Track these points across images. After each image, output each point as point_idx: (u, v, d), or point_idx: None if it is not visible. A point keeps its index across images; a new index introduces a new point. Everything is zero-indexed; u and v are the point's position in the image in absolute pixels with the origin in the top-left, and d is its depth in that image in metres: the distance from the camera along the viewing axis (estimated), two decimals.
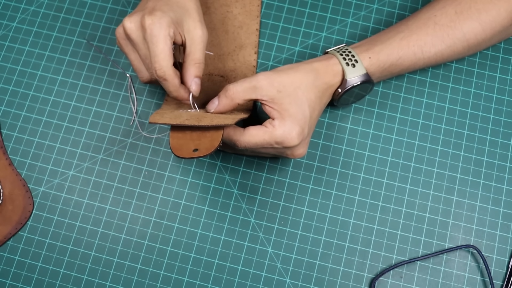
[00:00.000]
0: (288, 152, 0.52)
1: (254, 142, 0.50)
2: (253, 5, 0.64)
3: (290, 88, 0.50)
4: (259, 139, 0.50)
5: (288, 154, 0.52)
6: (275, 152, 0.52)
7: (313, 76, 0.52)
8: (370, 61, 0.54)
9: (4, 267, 0.57)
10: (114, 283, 0.56)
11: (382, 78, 0.57)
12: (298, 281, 0.56)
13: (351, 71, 0.53)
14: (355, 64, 0.53)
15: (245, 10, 0.63)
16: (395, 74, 0.57)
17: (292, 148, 0.50)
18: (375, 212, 0.58)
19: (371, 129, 0.60)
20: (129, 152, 0.60)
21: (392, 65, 0.55)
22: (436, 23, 0.55)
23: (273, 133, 0.49)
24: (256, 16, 0.63)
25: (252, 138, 0.50)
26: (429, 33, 0.54)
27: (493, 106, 0.61)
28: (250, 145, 0.50)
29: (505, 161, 0.59)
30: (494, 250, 0.57)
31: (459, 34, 0.54)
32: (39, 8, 0.65)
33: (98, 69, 0.63)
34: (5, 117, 0.61)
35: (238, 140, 0.50)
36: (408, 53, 0.55)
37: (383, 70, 0.55)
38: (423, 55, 0.55)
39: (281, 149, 0.51)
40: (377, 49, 0.54)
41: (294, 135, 0.49)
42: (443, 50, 0.55)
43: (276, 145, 0.50)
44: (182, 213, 0.58)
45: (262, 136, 0.49)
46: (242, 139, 0.50)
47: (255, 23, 0.63)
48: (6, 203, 0.58)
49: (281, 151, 0.51)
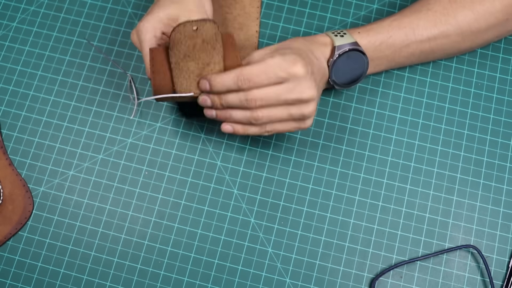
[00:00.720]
0: (298, 91, 0.49)
1: (258, 70, 0.49)
2: (252, 6, 0.64)
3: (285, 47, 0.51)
4: (263, 64, 0.49)
5: (298, 96, 0.50)
6: (284, 97, 0.50)
7: (304, 44, 0.53)
8: (360, 35, 0.55)
9: (4, 267, 0.57)
10: (114, 283, 0.56)
11: (379, 65, 0.57)
12: (298, 281, 0.56)
13: (340, 40, 0.54)
14: (343, 36, 0.55)
15: (244, 12, 0.63)
16: (391, 60, 0.57)
17: (302, 84, 0.49)
18: (375, 212, 0.58)
19: (371, 129, 0.60)
20: (129, 152, 0.60)
21: (383, 43, 0.55)
22: (429, 9, 0.56)
23: (274, 58, 0.49)
24: (256, 18, 0.63)
25: (256, 64, 0.49)
26: (422, 17, 0.55)
27: (493, 106, 0.61)
28: (254, 74, 0.49)
29: (505, 161, 0.59)
30: (494, 250, 0.57)
31: (452, 21, 0.55)
32: (39, 8, 0.65)
33: (98, 69, 0.63)
34: (5, 117, 0.61)
35: (241, 73, 0.49)
36: (399, 33, 0.55)
37: (375, 47, 0.55)
38: (415, 37, 0.55)
39: (291, 88, 0.49)
40: (367, 27, 0.56)
41: (298, 62, 0.49)
42: (436, 36, 0.55)
43: (281, 73, 0.48)
44: (182, 213, 0.58)
45: (266, 55, 0.49)
46: (245, 70, 0.49)
47: (254, 25, 0.63)
48: (6, 203, 0.58)
49: (291, 91, 0.49)
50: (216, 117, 0.52)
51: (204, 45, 0.50)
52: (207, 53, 0.51)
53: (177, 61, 0.51)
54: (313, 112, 0.51)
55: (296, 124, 0.52)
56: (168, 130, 0.60)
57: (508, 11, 0.55)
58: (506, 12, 0.55)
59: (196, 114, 0.61)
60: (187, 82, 0.51)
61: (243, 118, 0.51)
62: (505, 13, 0.55)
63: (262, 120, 0.51)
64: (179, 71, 0.51)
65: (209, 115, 0.52)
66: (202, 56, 0.51)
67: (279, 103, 0.50)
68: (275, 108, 0.50)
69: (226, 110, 0.51)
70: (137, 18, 0.64)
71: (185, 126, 0.61)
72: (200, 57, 0.51)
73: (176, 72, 0.51)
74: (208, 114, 0.52)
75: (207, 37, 0.50)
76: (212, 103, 0.51)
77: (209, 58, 0.51)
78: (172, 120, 0.61)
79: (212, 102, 0.51)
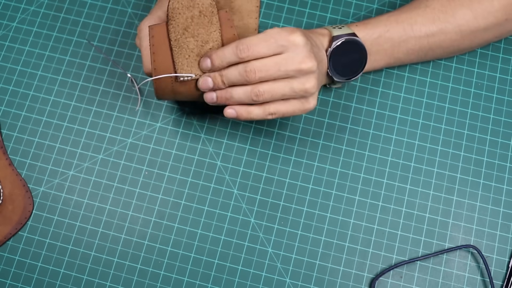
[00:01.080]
0: (298, 61, 0.49)
1: (257, 39, 0.49)
2: (250, 17, 0.63)
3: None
4: (263, 34, 0.49)
5: (298, 66, 0.49)
6: (284, 68, 0.49)
7: (304, 30, 0.53)
8: (358, 27, 0.56)
9: (4, 267, 0.57)
10: (114, 283, 0.56)
11: (378, 60, 0.57)
12: (298, 281, 0.56)
13: (337, 31, 0.55)
14: (341, 28, 0.55)
15: (242, 23, 0.63)
16: (390, 55, 0.57)
17: (302, 54, 0.49)
18: (375, 212, 0.58)
19: (371, 129, 0.60)
20: (129, 152, 0.60)
21: (381, 36, 0.55)
22: (427, 6, 0.56)
23: (273, 28, 0.49)
24: (254, 30, 0.63)
25: (253, 37, 0.49)
26: (420, 14, 0.56)
27: (493, 106, 0.61)
28: (252, 45, 0.49)
29: (505, 161, 0.59)
30: (494, 250, 0.57)
31: (450, 18, 0.55)
32: (39, 8, 0.65)
33: (98, 69, 0.63)
34: (5, 117, 0.61)
35: (240, 44, 0.49)
36: (397, 27, 0.55)
37: (372, 40, 0.55)
38: (414, 32, 0.55)
39: (291, 57, 0.49)
40: (365, 21, 0.56)
41: (297, 31, 0.49)
42: (434, 32, 0.55)
43: (281, 40, 0.48)
44: (182, 213, 0.58)
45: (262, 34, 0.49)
46: (244, 41, 0.49)
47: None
48: (6, 203, 0.58)
49: (291, 60, 0.49)
50: (216, 101, 0.51)
51: (201, 18, 0.51)
52: (205, 29, 0.51)
53: (177, 37, 0.51)
54: (314, 87, 0.50)
55: (300, 104, 0.51)
56: (168, 130, 0.60)
57: (507, 11, 0.55)
58: (505, 12, 0.55)
59: (197, 112, 0.60)
60: (187, 63, 0.51)
61: (243, 96, 0.50)
62: (504, 13, 0.55)
63: (263, 95, 0.50)
64: (179, 49, 0.51)
65: (209, 99, 0.52)
66: (201, 32, 0.51)
67: (279, 75, 0.49)
68: (276, 83, 0.50)
69: (226, 90, 0.51)
70: (137, 18, 0.64)
71: (185, 126, 0.61)
72: (199, 33, 0.51)
73: (176, 50, 0.51)
74: (208, 98, 0.52)
75: (203, 8, 0.51)
76: (213, 82, 0.51)
77: (207, 35, 0.51)
78: (172, 120, 0.61)
79: (213, 80, 0.51)
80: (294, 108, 0.51)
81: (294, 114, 0.52)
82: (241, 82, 0.50)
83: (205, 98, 0.52)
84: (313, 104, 0.52)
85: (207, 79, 0.51)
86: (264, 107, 0.51)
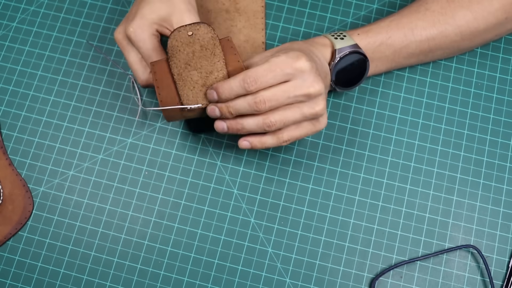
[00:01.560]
0: (306, 86, 0.49)
1: (263, 70, 0.48)
2: (257, 17, 0.63)
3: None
4: (268, 64, 0.48)
5: (306, 91, 0.49)
6: (293, 94, 0.49)
7: (304, 45, 0.53)
8: (359, 37, 0.55)
9: (4, 267, 0.57)
10: (114, 283, 0.56)
11: (379, 66, 0.57)
12: (298, 281, 0.56)
13: (340, 42, 0.54)
14: (343, 38, 0.55)
15: (249, 23, 0.63)
16: (391, 61, 0.57)
17: (309, 79, 0.49)
18: (375, 212, 0.58)
19: (371, 129, 0.60)
20: (129, 152, 0.60)
21: (382, 43, 0.55)
22: (427, 9, 0.56)
23: (278, 57, 0.49)
24: (261, 29, 0.63)
25: (259, 66, 0.49)
26: (420, 17, 0.56)
27: (493, 106, 0.61)
28: (260, 74, 0.48)
29: (505, 161, 0.59)
30: (494, 250, 0.57)
31: (450, 20, 0.55)
32: (39, 8, 0.65)
33: (98, 69, 0.63)
34: (5, 117, 0.61)
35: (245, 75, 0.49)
36: (398, 33, 0.55)
37: (374, 48, 0.55)
38: (414, 37, 0.55)
39: (299, 84, 0.49)
40: (366, 29, 0.56)
41: (302, 57, 0.49)
42: (435, 36, 0.55)
43: (287, 69, 0.48)
44: (182, 213, 0.58)
45: (267, 58, 0.49)
46: (250, 72, 0.49)
47: (260, 36, 0.62)
48: (6, 203, 0.58)
49: (298, 87, 0.49)
50: (227, 130, 0.51)
51: (203, 52, 0.50)
52: (208, 61, 0.50)
53: (179, 71, 0.50)
54: (324, 109, 0.50)
55: (311, 126, 0.51)
56: (168, 130, 0.60)
57: (507, 10, 0.55)
58: (505, 11, 0.55)
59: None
60: (193, 94, 0.50)
61: (255, 126, 0.50)
62: (504, 12, 0.55)
63: (275, 125, 0.49)
64: (183, 82, 0.50)
65: (220, 128, 0.51)
66: (204, 65, 0.50)
67: (288, 102, 0.49)
68: (287, 110, 0.49)
69: (236, 121, 0.50)
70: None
71: (185, 126, 0.61)
72: (201, 66, 0.50)
73: (180, 83, 0.50)
74: (219, 127, 0.51)
75: (204, 42, 0.50)
76: (221, 113, 0.50)
77: (211, 66, 0.50)
78: None
79: (220, 111, 0.50)
80: (306, 131, 0.51)
81: (307, 135, 0.52)
82: (250, 112, 0.49)
83: (216, 127, 0.51)
84: (324, 123, 0.52)
85: (214, 108, 0.50)
86: (278, 136, 0.51)
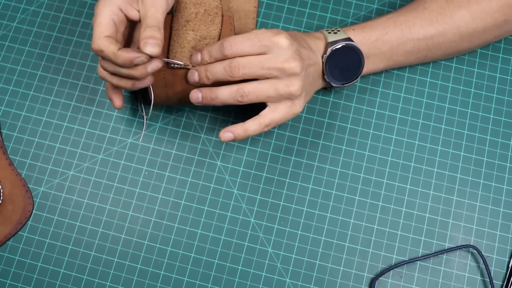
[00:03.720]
0: (281, 61, 0.50)
1: (242, 38, 0.50)
2: (248, 18, 0.63)
3: None
4: (248, 33, 0.50)
5: (281, 66, 0.50)
6: (267, 65, 0.50)
7: (297, 32, 0.54)
8: (354, 32, 0.56)
9: (4, 267, 0.57)
10: (114, 283, 0.56)
11: (377, 63, 0.57)
12: (298, 281, 0.56)
13: (333, 36, 0.55)
14: (336, 33, 0.55)
15: (240, 23, 0.63)
16: (389, 58, 0.57)
17: (285, 55, 0.49)
18: (375, 212, 0.58)
19: (371, 129, 0.60)
20: (129, 152, 0.60)
21: (378, 39, 0.55)
22: (425, 8, 0.56)
23: (260, 30, 0.50)
24: (251, 29, 0.62)
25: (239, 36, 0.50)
26: (418, 16, 0.56)
27: (493, 106, 0.61)
28: (237, 44, 0.50)
29: (505, 161, 0.59)
30: (494, 250, 0.57)
31: (448, 20, 0.55)
32: (39, 8, 0.65)
33: None
34: (5, 117, 0.61)
35: (225, 41, 0.50)
36: (395, 30, 0.55)
37: (370, 44, 0.55)
38: (412, 35, 0.55)
39: (275, 57, 0.49)
40: (362, 25, 0.56)
41: (282, 34, 0.50)
42: (433, 34, 0.55)
43: (264, 41, 0.49)
44: (182, 213, 0.58)
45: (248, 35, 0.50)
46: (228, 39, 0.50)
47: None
48: (6, 203, 0.58)
49: (274, 59, 0.50)
50: (202, 100, 0.52)
51: (205, 16, 0.53)
52: (206, 26, 0.53)
53: (178, 27, 0.53)
54: (300, 91, 0.51)
55: (287, 108, 0.52)
56: (168, 130, 0.60)
57: (506, 12, 0.55)
58: (503, 13, 0.55)
59: (197, 112, 0.60)
60: (181, 52, 0.52)
61: (229, 96, 0.50)
62: (502, 14, 0.55)
63: (248, 96, 0.50)
64: (177, 38, 0.53)
65: (194, 98, 0.52)
66: (201, 28, 0.53)
67: (262, 74, 0.50)
68: (261, 84, 0.50)
69: (211, 89, 0.51)
70: None
71: (185, 126, 0.61)
72: (199, 29, 0.53)
73: (174, 39, 0.53)
74: (194, 97, 0.52)
75: (209, 8, 0.54)
76: (199, 77, 0.51)
77: (207, 32, 0.53)
78: (172, 120, 0.61)
79: (199, 75, 0.51)
80: (283, 113, 0.52)
81: (285, 119, 0.53)
82: (225, 77, 0.50)
83: (190, 97, 0.52)
84: (300, 106, 0.52)
85: (193, 72, 0.52)
86: (259, 121, 0.52)
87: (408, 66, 0.61)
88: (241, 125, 0.52)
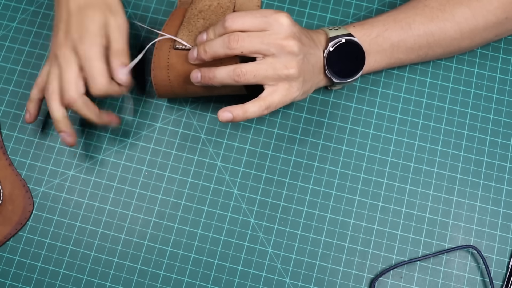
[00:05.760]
0: (280, 38, 0.50)
1: (244, 13, 0.50)
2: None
3: None
4: (249, 10, 0.51)
5: (280, 42, 0.50)
6: (266, 40, 0.50)
7: (302, 28, 0.54)
8: (355, 28, 0.56)
9: (4, 267, 0.57)
10: (114, 283, 0.56)
11: (378, 61, 0.57)
12: (298, 281, 0.56)
13: (333, 32, 0.55)
14: (338, 29, 0.56)
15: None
16: (390, 56, 0.57)
17: (285, 33, 0.50)
18: (375, 213, 0.58)
19: (371, 130, 0.60)
20: (129, 152, 0.60)
21: (379, 35, 0.55)
22: (425, 5, 0.56)
23: (263, 8, 0.52)
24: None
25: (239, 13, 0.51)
26: (418, 13, 0.56)
27: (493, 107, 0.61)
28: (237, 18, 0.50)
29: (505, 161, 0.59)
30: (494, 250, 0.57)
31: (449, 16, 0.55)
32: (39, 8, 0.65)
33: None
34: (5, 117, 0.61)
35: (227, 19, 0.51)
36: (395, 26, 0.56)
37: (370, 40, 0.55)
38: (412, 31, 0.55)
39: (274, 33, 0.50)
40: (363, 22, 0.57)
41: (285, 13, 0.50)
42: (433, 31, 0.55)
43: (266, 17, 0.50)
44: (182, 213, 0.58)
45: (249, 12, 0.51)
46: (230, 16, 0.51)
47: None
48: (6, 203, 0.58)
49: (274, 36, 0.50)
50: (200, 80, 0.52)
51: (217, 8, 0.56)
52: (217, 16, 0.56)
53: (190, 16, 0.56)
54: (298, 74, 0.51)
55: (285, 91, 0.51)
56: (168, 130, 0.60)
57: (507, 9, 0.55)
58: (505, 10, 0.55)
59: (197, 112, 0.60)
60: (188, 35, 0.55)
61: (226, 75, 0.51)
62: (504, 11, 0.55)
63: (245, 76, 0.50)
64: (187, 23, 0.55)
65: (194, 77, 0.52)
66: (212, 18, 0.56)
67: (261, 47, 0.50)
68: (259, 64, 0.50)
69: (209, 69, 0.51)
70: (137, 18, 0.64)
71: (185, 126, 0.61)
72: (210, 18, 0.56)
73: (185, 24, 0.55)
74: (193, 76, 0.52)
75: (222, 2, 0.57)
76: (197, 51, 0.52)
77: (216, 22, 0.55)
78: (172, 120, 0.61)
79: (198, 51, 0.52)
80: (281, 95, 0.52)
81: (284, 103, 0.52)
82: (223, 50, 0.50)
83: (191, 77, 0.53)
84: (297, 89, 0.52)
85: (193, 49, 0.52)
86: (259, 102, 0.51)
87: (409, 64, 0.61)
88: (241, 106, 0.52)
